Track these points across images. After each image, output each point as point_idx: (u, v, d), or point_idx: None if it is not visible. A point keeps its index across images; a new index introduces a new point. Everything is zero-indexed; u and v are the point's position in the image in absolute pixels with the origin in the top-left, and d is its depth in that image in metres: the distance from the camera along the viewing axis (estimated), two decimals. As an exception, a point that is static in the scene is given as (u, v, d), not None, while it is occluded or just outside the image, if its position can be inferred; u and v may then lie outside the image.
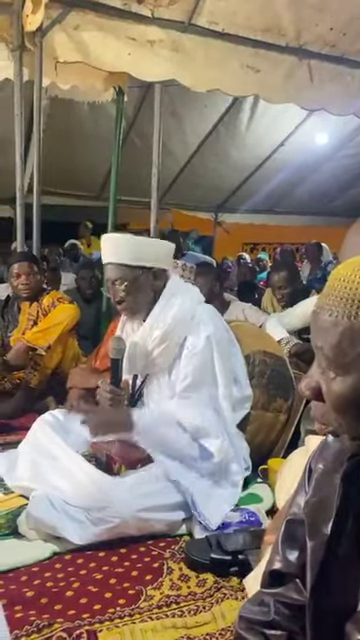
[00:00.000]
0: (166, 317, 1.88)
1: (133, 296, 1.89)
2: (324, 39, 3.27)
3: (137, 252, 1.90)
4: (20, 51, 3.07)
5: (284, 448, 2.14)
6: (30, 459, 1.85)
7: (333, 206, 7.69)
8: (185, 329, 1.88)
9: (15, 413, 2.81)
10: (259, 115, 5.30)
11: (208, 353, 1.87)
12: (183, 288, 1.99)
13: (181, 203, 7.24)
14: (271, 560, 0.89)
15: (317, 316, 0.69)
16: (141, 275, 1.89)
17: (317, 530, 0.79)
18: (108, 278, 1.93)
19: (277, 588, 0.86)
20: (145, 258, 1.90)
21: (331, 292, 0.68)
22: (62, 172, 5.61)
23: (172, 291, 1.93)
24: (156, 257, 1.93)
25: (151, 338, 1.88)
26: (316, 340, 0.70)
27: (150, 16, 3.00)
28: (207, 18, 3.07)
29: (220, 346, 1.90)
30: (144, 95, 4.80)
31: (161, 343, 1.87)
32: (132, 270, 1.88)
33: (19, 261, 3.07)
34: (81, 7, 2.91)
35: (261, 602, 0.88)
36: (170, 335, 1.87)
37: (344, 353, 0.66)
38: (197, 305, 1.95)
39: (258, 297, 4.59)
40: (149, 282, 1.91)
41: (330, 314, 0.67)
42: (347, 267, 0.68)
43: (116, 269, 1.89)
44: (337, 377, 0.68)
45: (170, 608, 1.35)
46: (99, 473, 1.68)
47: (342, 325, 0.66)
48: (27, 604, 1.34)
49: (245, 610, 0.90)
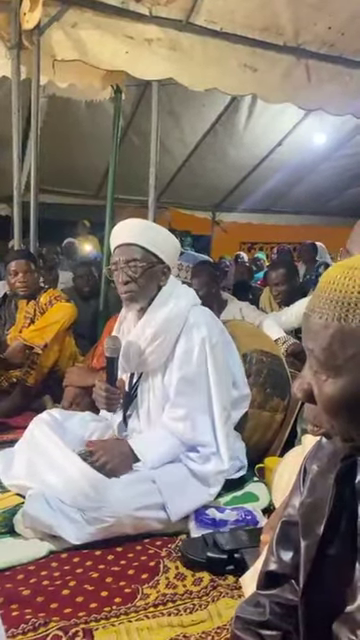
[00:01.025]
0: (159, 317, 1.87)
1: (141, 282, 1.85)
2: (322, 39, 3.27)
3: (157, 241, 1.89)
4: (18, 49, 3.07)
5: (280, 447, 2.14)
6: (26, 458, 1.84)
7: (331, 206, 7.70)
8: (177, 329, 1.87)
9: (12, 412, 2.81)
10: (257, 114, 5.30)
11: (202, 357, 1.86)
12: (180, 289, 1.98)
13: (179, 202, 7.24)
14: (266, 561, 0.89)
15: (308, 318, 0.70)
16: (155, 264, 1.87)
17: (310, 530, 0.79)
18: (119, 260, 1.85)
19: (273, 589, 0.86)
20: (162, 249, 1.89)
21: (321, 294, 0.68)
22: (60, 170, 5.61)
23: (169, 291, 1.92)
24: (169, 254, 1.93)
25: (144, 336, 1.88)
26: (307, 342, 0.70)
27: (148, 14, 3.00)
28: (205, 17, 3.06)
29: (215, 349, 1.89)
30: (142, 94, 4.79)
31: (152, 341, 1.86)
32: (149, 255, 1.86)
33: (16, 259, 3.07)
34: (79, 5, 2.91)
35: (257, 603, 0.88)
36: (161, 334, 1.86)
37: (335, 355, 0.66)
38: (192, 307, 1.94)
39: (253, 297, 4.60)
40: (158, 275, 1.89)
41: (320, 316, 0.67)
42: (337, 269, 0.68)
43: (133, 250, 1.84)
44: (328, 379, 0.68)
45: (166, 607, 1.35)
46: (95, 472, 1.68)
47: (332, 327, 0.66)
48: (23, 603, 1.34)
49: (241, 610, 0.90)
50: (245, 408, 2.11)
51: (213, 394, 1.87)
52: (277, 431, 2.20)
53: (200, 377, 1.86)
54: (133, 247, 1.85)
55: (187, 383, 1.85)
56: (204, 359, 1.86)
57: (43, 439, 1.85)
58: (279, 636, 0.84)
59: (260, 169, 6.46)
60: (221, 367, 1.91)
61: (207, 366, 1.87)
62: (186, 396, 1.85)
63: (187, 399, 1.85)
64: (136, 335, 1.90)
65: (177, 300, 1.91)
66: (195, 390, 1.86)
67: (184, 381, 1.85)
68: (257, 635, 0.86)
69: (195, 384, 1.86)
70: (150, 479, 1.71)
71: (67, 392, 2.55)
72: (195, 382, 1.86)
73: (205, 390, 1.87)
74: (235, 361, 2.10)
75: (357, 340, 0.64)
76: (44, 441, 1.84)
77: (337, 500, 0.77)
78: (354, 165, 6.49)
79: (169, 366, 1.89)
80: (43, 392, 2.92)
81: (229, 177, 6.76)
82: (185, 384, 1.85)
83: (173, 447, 1.82)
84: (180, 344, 1.87)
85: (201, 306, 2.01)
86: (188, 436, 1.82)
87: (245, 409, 2.11)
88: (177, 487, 1.71)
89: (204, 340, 1.86)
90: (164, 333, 1.86)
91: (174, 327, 1.87)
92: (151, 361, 1.90)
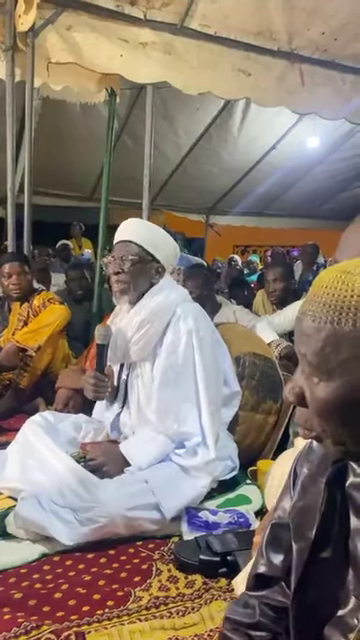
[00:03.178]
0: (148, 305, 1.91)
1: (132, 275, 1.91)
2: (316, 43, 3.29)
3: (153, 241, 1.96)
4: (12, 51, 3.07)
5: (273, 449, 2.15)
6: (19, 460, 1.84)
7: (324, 209, 7.74)
8: (165, 319, 1.91)
9: (4, 414, 2.80)
10: (251, 118, 5.32)
11: (189, 348, 1.89)
12: (171, 286, 2.03)
13: (173, 205, 7.25)
14: (256, 563, 0.89)
15: (300, 322, 0.70)
16: (149, 262, 1.94)
17: (302, 534, 0.79)
18: (116, 254, 1.92)
19: (262, 591, 0.87)
20: (158, 249, 1.95)
21: (314, 298, 0.68)
22: (54, 173, 5.60)
23: (161, 287, 1.97)
24: (166, 255, 1.98)
25: (131, 324, 1.92)
26: (300, 346, 0.70)
27: (142, 18, 3.01)
28: (199, 21, 3.08)
29: (202, 341, 1.91)
30: (136, 97, 4.81)
31: (139, 329, 1.90)
32: (143, 252, 1.93)
33: (10, 261, 3.06)
34: (74, 8, 2.91)
35: (246, 604, 0.88)
36: (148, 322, 1.89)
37: (327, 359, 0.66)
38: (182, 301, 1.97)
39: (248, 294, 4.61)
40: (151, 273, 1.95)
41: (313, 320, 0.67)
42: (330, 273, 0.68)
43: (129, 246, 1.92)
44: (320, 383, 0.68)
45: (159, 609, 1.35)
46: (87, 473, 1.68)
47: (325, 331, 0.66)
48: (15, 606, 1.33)
49: (231, 611, 0.90)
50: (236, 406, 2.13)
51: (200, 384, 1.89)
52: (270, 434, 2.21)
53: (186, 367, 1.89)
54: (129, 244, 1.93)
55: (173, 372, 1.88)
56: (191, 350, 1.89)
57: (36, 441, 1.86)
58: (269, 637, 0.84)
59: (254, 172, 6.49)
60: (208, 359, 1.93)
61: (194, 357, 1.90)
62: (171, 386, 1.88)
63: (172, 389, 1.88)
64: (125, 324, 1.95)
65: (168, 293, 1.95)
66: (181, 380, 1.88)
67: (170, 370, 1.88)
68: (247, 636, 0.86)
69: (181, 374, 1.88)
70: (142, 479, 1.72)
71: (60, 394, 2.54)
72: (181, 372, 1.88)
73: (192, 380, 1.89)
74: (226, 361, 2.12)
75: (349, 344, 0.65)
76: (37, 443, 1.85)
77: (328, 504, 0.77)
78: (347, 169, 6.53)
79: (157, 357, 1.92)
80: (36, 394, 2.92)
81: (223, 180, 6.78)
82: (171, 373, 1.88)
83: (162, 446, 1.84)
84: (167, 335, 1.91)
85: (192, 302, 2.04)
86: (173, 429, 1.85)
87: (236, 407, 2.12)
88: (169, 485, 1.73)
89: (191, 332, 1.90)
90: (151, 321, 1.90)
91: (161, 317, 1.91)
92: (137, 350, 1.93)
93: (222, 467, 1.90)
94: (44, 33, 2.93)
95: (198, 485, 1.80)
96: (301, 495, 0.82)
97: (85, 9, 2.92)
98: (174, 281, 2.14)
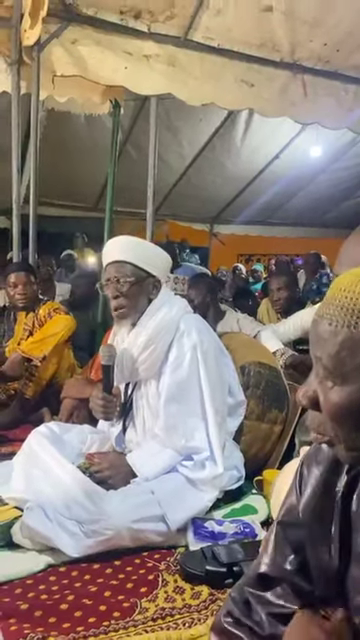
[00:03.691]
0: (150, 325, 1.90)
1: (131, 297, 1.90)
2: (318, 55, 3.32)
3: (147, 257, 1.94)
4: (18, 65, 3.11)
5: (279, 459, 2.14)
6: (25, 471, 1.84)
7: (327, 218, 7.75)
8: (169, 337, 1.90)
9: (10, 424, 2.81)
10: (254, 128, 5.36)
11: (194, 363, 1.88)
12: (171, 299, 2.02)
13: (177, 214, 7.28)
14: (258, 563, 0.88)
15: (317, 325, 0.69)
16: (145, 279, 1.93)
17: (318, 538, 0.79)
18: (110, 277, 1.91)
19: (263, 591, 0.86)
20: (152, 265, 1.94)
21: (331, 301, 0.68)
22: (58, 183, 5.65)
23: (161, 301, 1.96)
24: (160, 268, 1.98)
25: (136, 345, 1.90)
26: (315, 349, 0.70)
27: (147, 31, 3.05)
28: (203, 33, 3.12)
29: (206, 355, 1.91)
30: (140, 108, 4.84)
31: (145, 349, 1.89)
32: (138, 271, 1.91)
33: (15, 271, 3.08)
34: (78, 22, 2.95)
35: (246, 602, 0.88)
36: (153, 341, 1.88)
37: (343, 363, 0.66)
38: (183, 314, 1.97)
39: (253, 304, 4.62)
40: (148, 289, 1.94)
41: (330, 323, 0.67)
42: (348, 277, 0.68)
43: (123, 267, 1.91)
44: (335, 387, 0.67)
45: (165, 621, 1.34)
46: (93, 485, 1.68)
47: (342, 335, 0.66)
48: (21, 617, 1.33)
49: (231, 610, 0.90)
50: (241, 416, 2.12)
51: (206, 398, 1.88)
52: (275, 443, 2.20)
53: (192, 382, 1.88)
54: (123, 264, 1.91)
55: (179, 388, 1.87)
56: (196, 365, 1.88)
57: (41, 452, 1.86)
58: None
59: (257, 182, 6.51)
60: (213, 372, 1.92)
61: (199, 371, 1.89)
62: (177, 402, 1.87)
63: (178, 405, 1.87)
64: (129, 344, 1.93)
65: (169, 309, 1.94)
66: (187, 395, 1.87)
67: (176, 386, 1.87)
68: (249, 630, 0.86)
69: (187, 389, 1.87)
70: (148, 490, 1.72)
71: (65, 404, 2.55)
72: (187, 387, 1.87)
73: (198, 395, 1.88)
74: (229, 370, 2.11)
75: None
76: (42, 454, 1.85)
77: (344, 514, 0.77)
78: (350, 177, 6.56)
79: (162, 374, 1.91)
80: (41, 404, 2.92)
81: (227, 190, 6.81)
82: (177, 389, 1.87)
83: (169, 459, 1.83)
84: (172, 351, 1.90)
85: (193, 314, 2.03)
86: (181, 445, 1.84)
87: (241, 417, 2.12)
88: (175, 497, 1.72)
89: (195, 346, 1.89)
90: (156, 341, 1.89)
91: (165, 335, 1.90)
92: (144, 369, 1.92)
93: (228, 477, 1.89)
94: (49, 47, 2.97)
95: (205, 498, 1.79)
96: (312, 497, 0.81)
97: (90, 23, 2.97)
98: (171, 292, 2.13)
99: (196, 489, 1.79)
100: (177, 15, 3.01)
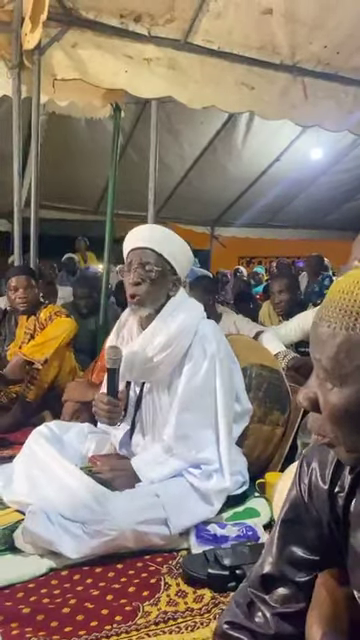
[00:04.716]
0: (170, 326, 1.85)
1: (152, 286, 1.84)
2: (318, 57, 3.33)
3: (174, 251, 1.89)
4: (19, 69, 3.11)
5: (281, 462, 2.13)
6: (26, 473, 1.82)
7: (328, 220, 7.76)
8: (188, 341, 1.85)
9: (11, 427, 2.80)
10: (254, 131, 5.37)
11: (210, 372, 1.84)
12: (188, 302, 1.98)
13: (178, 217, 7.28)
14: (262, 563, 0.88)
15: (316, 327, 0.70)
16: (168, 272, 1.87)
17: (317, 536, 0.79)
18: (134, 262, 1.84)
19: (266, 593, 0.86)
20: (177, 260, 1.89)
21: (330, 304, 0.68)
22: (59, 187, 5.66)
23: (178, 302, 1.91)
24: (182, 266, 1.92)
25: (152, 345, 1.85)
26: (314, 351, 0.70)
27: (147, 34, 3.06)
28: (203, 37, 3.13)
29: (222, 364, 1.88)
30: (141, 111, 4.86)
31: (163, 351, 1.84)
32: (164, 263, 1.86)
33: (17, 274, 3.08)
34: (79, 26, 2.97)
35: (251, 604, 0.87)
36: (172, 343, 1.83)
37: (341, 364, 0.66)
38: (201, 320, 1.93)
39: (254, 307, 4.62)
40: (169, 285, 1.89)
41: (329, 325, 0.67)
42: (347, 279, 0.69)
43: (151, 255, 1.84)
44: (334, 388, 0.68)
45: (167, 624, 1.33)
46: (97, 485, 1.67)
47: (340, 337, 0.66)
48: (23, 621, 1.32)
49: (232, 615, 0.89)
50: (246, 422, 2.10)
51: (219, 410, 1.85)
52: (277, 445, 2.20)
53: (207, 392, 1.85)
54: (149, 251, 1.85)
55: (193, 397, 1.83)
56: (213, 374, 1.85)
57: (41, 453, 1.84)
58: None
59: (258, 184, 6.52)
60: (227, 383, 1.89)
61: (215, 382, 1.85)
62: (191, 411, 1.83)
63: (192, 414, 1.83)
64: (143, 343, 1.87)
65: (189, 312, 1.91)
66: (201, 404, 1.84)
67: (190, 395, 1.83)
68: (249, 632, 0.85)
69: (201, 398, 1.84)
70: (153, 493, 1.71)
71: (67, 407, 2.54)
72: (202, 396, 1.84)
73: (212, 405, 1.85)
74: (237, 376, 2.09)
75: None
76: (43, 455, 1.83)
77: (345, 514, 0.78)
78: (351, 179, 6.56)
79: (175, 378, 1.87)
80: (43, 408, 2.92)
81: (228, 192, 6.82)
82: (191, 398, 1.83)
83: (176, 467, 1.81)
84: (189, 356, 1.85)
85: (209, 320, 2.00)
86: (191, 456, 1.81)
87: (246, 423, 2.10)
88: (180, 502, 1.71)
89: (213, 356, 1.85)
90: (174, 343, 1.84)
91: (184, 338, 1.85)
92: (158, 371, 1.88)
93: (232, 482, 1.86)
94: (50, 50, 2.98)
95: (208, 508, 1.77)
96: (313, 491, 0.82)
97: (90, 27, 2.98)
98: (187, 295, 2.06)
99: (201, 498, 1.77)
100: (177, 18, 3.02)
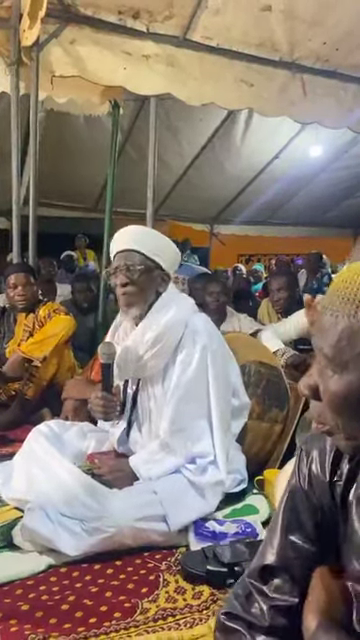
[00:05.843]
0: (159, 321, 1.87)
1: (140, 286, 1.86)
2: (317, 54, 3.32)
3: (157, 248, 1.91)
4: (17, 65, 3.11)
5: (280, 458, 2.14)
6: (25, 471, 1.83)
7: (328, 217, 7.76)
8: (178, 335, 1.87)
9: (10, 425, 2.80)
10: (254, 128, 5.37)
11: (202, 364, 1.86)
12: (180, 297, 2.00)
13: (177, 214, 7.29)
14: (263, 553, 0.88)
15: (320, 317, 0.71)
16: (154, 270, 1.89)
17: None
18: (119, 265, 1.87)
19: (265, 584, 0.86)
20: (161, 256, 1.91)
21: (334, 293, 0.70)
22: (58, 184, 5.66)
23: (169, 298, 1.92)
24: (168, 261, 1.94)
25: (143, 341, 1.87)
26: (317, 340, 0.71)
27: (145, 31, 3.05)
28: (201, 33, 3.12)
29: (215, 356, 1.89)
30: (140, 108, 4.85)
31: (153, 346, 1.85)
32: (147, 261, 1.87)
33: (16, 272, 3.08)
34: (77, 22, 2.96)
35: (250, 596, 0.87)
36: (163, 338, 1.85)
37: (342, 351, 0.67)
38: (192, 314, 1.95)
39: (253, 305, 4.62)
40: (157, 281, 1.91)
41: (331, 314, 0.69)
42: (351, 269, 0.70)
43: (133, 256, 1.86)
44: (334, 375, 0.69)
45: (166, 621, 1.34)
46: (95, 482, 1.67)
47: (341, 324, 0.67)
48: (22, 618, 1.32)
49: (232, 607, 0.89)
50: (245, 418, 2.10)
51: (212, 401, 1.86)
52: (276, 442, 2.20)
53: (199, 384, 1.86)
54: (132, 253, 1.87)
55: (186, 390, 1.85)
56: (204, 366, 1.86)
57: (41, 451, 1.85)
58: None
59: (257, 181, 6.52)
60: (221, 375, 1.90)
61: (207, 373, 1.87)
62: (185, 402, 1.84)
63: (186, 405, 1.84)
64: (134, 340, 1.89)
65: (178, 307, 1.92)
66: (194, 395, 1.85)
67: (183, 386, 1.85)
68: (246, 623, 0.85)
69: (194, 391, 1.85)
70: (151, 490, 1.71)
71: (66, 405, 2.54)
72: (194, 389, 1.85)
73: (204, 397, 1.86)
74: (234, 371, 2.10)
75: None
76: (42, 453, 1.84)
77: (343, 502, 0.79)
78: (350, 177, 6.56)
79: (168, 373, 1.89)
80: (42, 405, 2.92)
81: (227, 190, 6.82)
82: (184, 389, 1.85)
83: (173, 464, 1.81)
84: (180, 350, 1.87)
85: (201, 314, 2.01)
86: (186, 449, 1.82)
87: (245, 419, 2.10)
88: (178, 499, 1.71)
89: (205, 347, 1.86)
90: (164, 338, 1.85)
91: (175, 332, 1.87)
92: (150, 367, 1.89)
93: (231, 480, 1.88)
94: (48, 47, 2.97)
95: (206, 503, 1.78)
96: (314, 480, 0.82)
97: (88, 23, 2.97)
98: (177, 290, 2.10)
99: (198, 493, 1.78)
100: (176, 15, 3.01)
